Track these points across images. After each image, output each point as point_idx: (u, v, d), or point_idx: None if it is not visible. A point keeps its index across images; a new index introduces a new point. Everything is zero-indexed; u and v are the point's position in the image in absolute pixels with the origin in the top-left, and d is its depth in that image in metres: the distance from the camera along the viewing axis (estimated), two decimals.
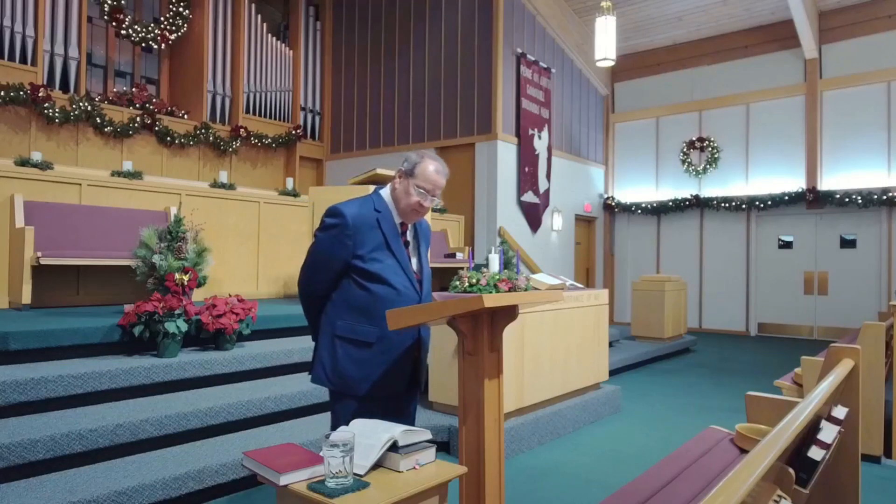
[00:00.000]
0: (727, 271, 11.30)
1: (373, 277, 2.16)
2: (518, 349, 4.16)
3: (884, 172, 9.88)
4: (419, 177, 2.19)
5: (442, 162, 2.26)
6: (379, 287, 2.16)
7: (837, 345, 2.45)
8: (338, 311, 2.20)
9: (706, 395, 6.01)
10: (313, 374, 2.26)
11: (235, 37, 10.08)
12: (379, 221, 2.19)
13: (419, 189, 2.19)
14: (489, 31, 9.38)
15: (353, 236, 2.14)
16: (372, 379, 2.16)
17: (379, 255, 2.17)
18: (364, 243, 2.15)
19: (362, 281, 2.16)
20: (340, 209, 2.16)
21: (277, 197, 7.42)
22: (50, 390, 3.21)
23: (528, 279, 3.94)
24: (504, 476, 2.14)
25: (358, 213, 2.17)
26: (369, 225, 2.17)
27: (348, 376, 2.16)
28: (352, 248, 2.15)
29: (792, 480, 1.66)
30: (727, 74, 11.37)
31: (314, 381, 2.24)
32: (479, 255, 8.72)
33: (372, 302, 2.15)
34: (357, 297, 2.17)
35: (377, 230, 2.18)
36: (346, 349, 2.17)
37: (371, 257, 2.16)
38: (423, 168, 2.20)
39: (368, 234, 2.16)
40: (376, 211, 2.20)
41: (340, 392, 2.20)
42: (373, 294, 2.15)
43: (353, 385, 2.17)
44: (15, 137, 7.82)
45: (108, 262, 5.17)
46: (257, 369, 4.19)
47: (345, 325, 2.18)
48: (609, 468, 3.80)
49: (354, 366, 2.16)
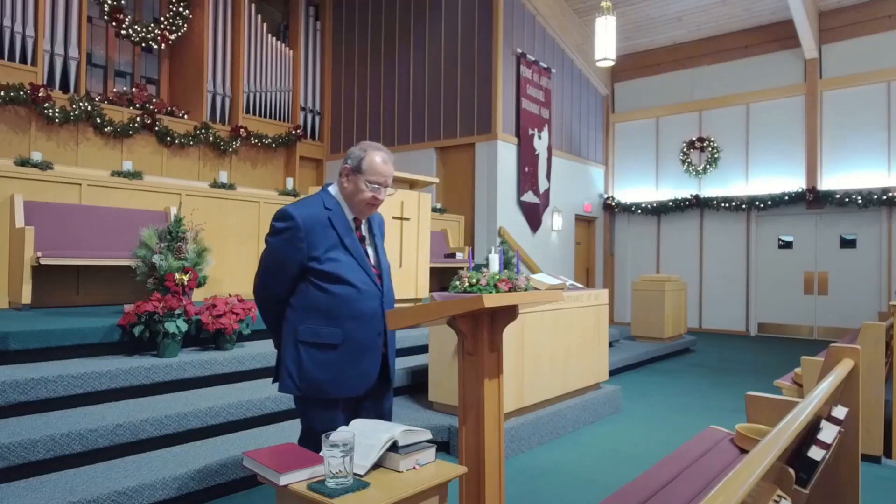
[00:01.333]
0: (727, 271, 11.30)
1: (331, 278, 2.11)
2: (518, 349, 4.16)
3: (884, 172, 9.88)
4: (367, 171, 2.14)
5: (385, 150, 2.21)
6: (338, 287, 2.11)
7: (837, 345, 2.45)
8: (299, 315, 2.15)
9: (706, 395, 6.01)
10: (280, 383, 2.19)
11: (235, 37, 10.08)
12: (331, 220, 2.14)
13: (371, 184, 2.14)
14: (489, 31, 9.37)
15: (306, 238, 2.09)
16: (340, 380, 2.13)
17: (334, 255, 2.13)
18: (318, 244, 2.11)
19: (320, 282, 2.12)
20: (290, 212, 2.11)
21: (277, 197, 7.42)
22: (50, 390, 3.21)
23: (528, 279, 3.94)
24: (504, 476, 2.14)
25: (308, 213, 2.12)
26: (321, 224, 2.12)
27: (316, 380, 2.12)
28: (306, 251, 2.10)
29: (792, 480, 1.66)
30: (727, 74, 11.37)
31: (282, 390, 2.18)
32: (479, 255, 8.72)
33: (333, 303, 2.11)
34: (317, 300, 2.12)
35: (330, 229, 2.13)
36: (310, 353, 2.12)
37: (327, 257, 2.11)
38: (370, 161, 2.15)
39: (321, 234, 2.12)
40: (327, 209, 2.15)
41: (310, 397, 2.16)
42: (332, 295, 2.11)
43: (323, 388, 2.12)
44: (15, 137, 7.82)
45: (107, 262, 5.17)
46: (257, 369, 4.18)
47: (307, 330, 2.13)
48: (609, 468, 3.80)
49: (321, 369, 2.12)
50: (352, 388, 2.15)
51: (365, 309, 2.15)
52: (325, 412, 2.13)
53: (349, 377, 2.14)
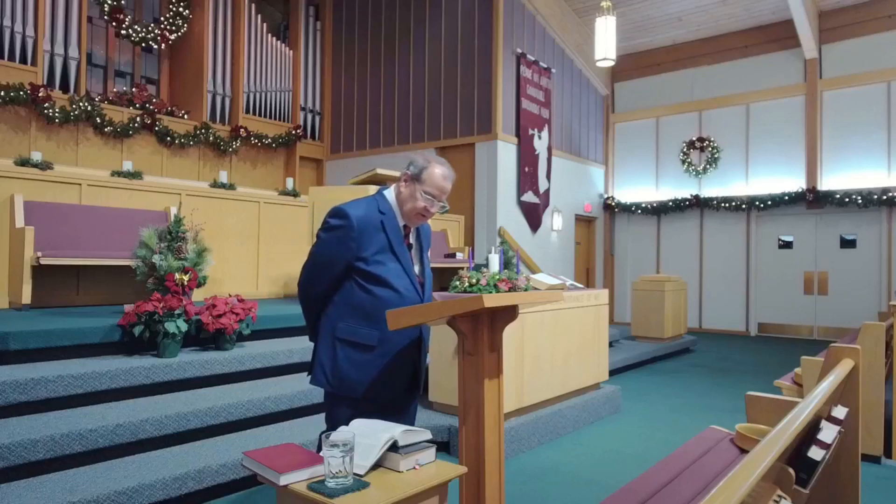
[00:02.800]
0: (727, 271, 11.30)
1: (376, 280, 2.13)
2: (518, 349, 4.16)
3: (884, 172, 9.88)
4: (426, 182, 2.16)
5: (448, 166, 2.23)
6: (381, 290, 2.13)
7: (837, 345, 2.45)
8: (339, 312, 2.17)
9: (706, 395, 6.01)
10: (313, 375, 2.23)
11: (235, 37, 10.08)
12: (383, 224, 2.16)
13: (426, 195, 2.16)
14: (489, 31, 9.37)
15: (358, 238, 2.11)
16: (371, 381, 2.15)
17: (382, 258, 2.15)
18: (368, 246, 2.13)
19: (365, 283, 2.14)
20: (346, 210, 2.13)
21: (277, 197, 7.42)
22: (50, 390, 3.21)
23: (528, 279, 3.94)
24: (504, 476, 2.14)
25: (363, 214, 2.14)
26: (374, 227, 2.14)
27: (348, 378, 2.14)
28: (355, 250, 2.12)
29: (792, 480, 1.66)
30: (727, 74, 11.37)
31: (313, 382, 2.22)
32: (479, 255, 8.71)
33: (374, 304, 2.13)
34: (359, 300, 2.14)
35: (381, 232, 2.15)
36: (346, 352, 2.15)
37: (374, 260, 2.14)
38: (431, 173, 2.17)
39: (372, 237, 2.14)
40: (381, 213, 2.17)
41: (338, 394, 2.18)
42: (375, 297, 2.13)
43: (353, 387, 2.15)
44: (15, 137, 7.82)
45: (107, 262, 5.16)
46: (257, 369, 4.19)
47: (346, 328, 2.15)
48: (609, 468, 3.80)
49: (354, 368, 2.14)
50: (381, 391, 2.17)
51: None
52: (352, 411, 2.14)
53: (381, 380, 2.16)
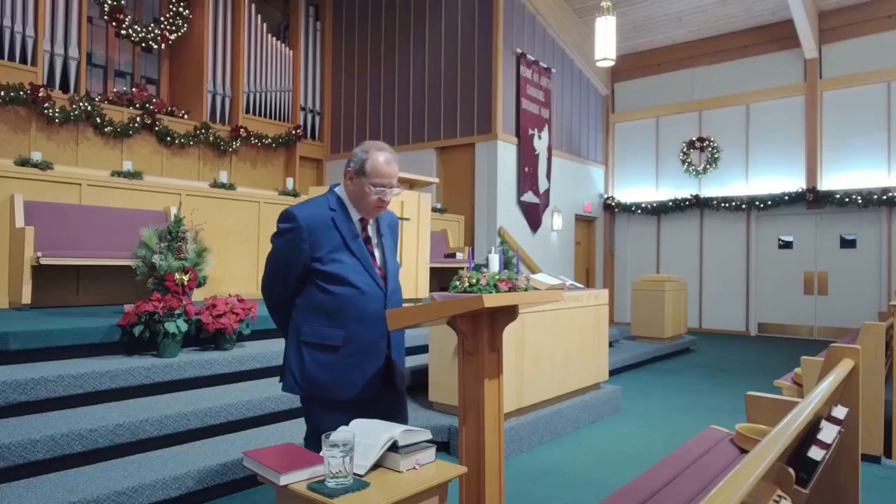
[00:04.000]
0: (727, 271, 11.30)
1: (333, 279, 2.11)
2: (518, 349, 4.16)
3: (884, 172, 9.88)
4: (371, 174, 2.12)
5: (389, 149, 2.18)
6: (341, 288, 2.11)
7: (837, 345, 2.45)
8: (303, 316, 2.16)
9: (706, 395, 6.01)
10: (284, 382, 2.21)
11: (235, 37, 10.08)
12: (335, 221, 2.13)
13: (375, 187, 2.12)
14: (489, 31, 9.37)
15: (308, 239, 2.09)
16: (342, 382, 2.12)
17: (338, 256, 2.12)
18: (321, 245, 2.10)
19: (323, 284, 2.12)
20: (293, 212, 2.11)
21: (277, 197, 7.42)
22: (50, 390, 3.21)
23: (528, 279, 3.94)
24: (504, 476, 2.14)
25: (311, 214, 2.11)
26: (325, 225, 2.11)
27: (317, 381, 2.12)
28: (309, 251, 2.10)
29: (792, 480, 1.66)
30: (727, 74, 11.36)
31: (285, 389, 2.20)
32: (479, 255, 8.71)
33: (335, 304, 2.11)
34: (320, 301, 2.12)
35: (333, 230, 2.12)
36: (312, 354, 2.13)
37: (330, 258, 2.11)
38: (373, 163, 2.12)
39: (324, 235, 2.11)
40: (331, 210, 2.15)
41: (312, 397, 2.17)
42: (335, 296, 2.11)
43: (324, 389, 2.12)
44: (15, 137, 7.82)
45: (107, 262, 5.17)
46: (257, 369, 4.19)
47: (310, 331, 2.13)
48: (609, 468, 3.80)
49: (322, 370, 2.12)
50: (354, 391, 2.15)
51: (368, 311, 2.14)
52: (329, 413, 2.12)
53: (351, 379, 2.14)
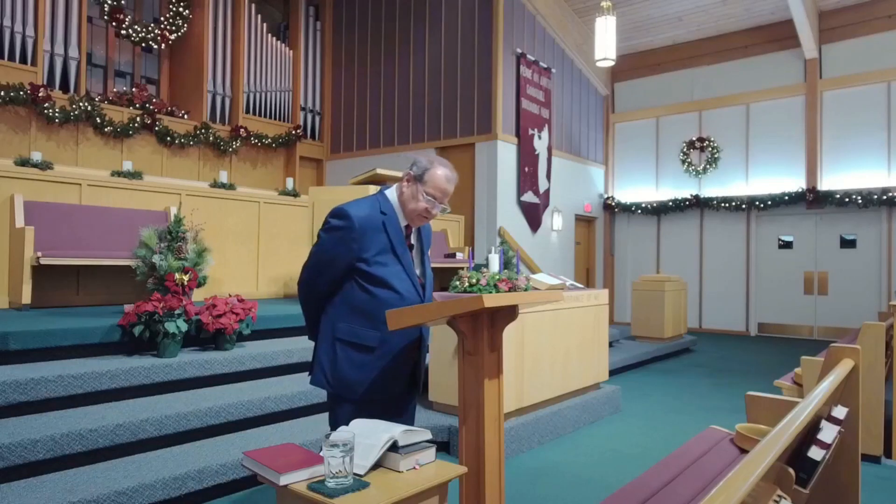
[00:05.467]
0: (727, 271, 11.30)
1: (377, 281, 2.12)
2: (518, 349, 4.16)
3: (884, 172, 9.88)
4: (428, 183, 2.15)
5: (451, 167, 2.22)
6: (382, 291, 2.12)
7: (837, 345, 2.45)
8: (339, 312, 2.16)
9: (706, 395, 6.01)
10: (313, 376, 2.23)
11: (235, 37, 10.08)
12: (385, 224, 2.15)
13: (428, 196, 2.16)
14: (489, 31, 9.37)
15: (359, 239, 2.10)
16: (371, 382, 2.14)
17: (384, 259, 2.14)
18: (369, 246, 2.12)
19: (366, 284, 2.13)
20: (347, 211, 2.12)
21: (277, 197, 7.42)
22: (50, 390, 3.21)
23: (528, 279, 3.94)
24: (504, 476, 2.14)
25: (365, 215, 2.12)
26: (375, 228, 2.13)
27: (347, 379, 2.14)
28: (356, 251, 2.11)
29: (792, 480, 1.66)
30: (727, 74, 11.37)
31: (313, 382, 2.22)
32: (479, 255, 8.71)
33: (375, 305, 2.12)
34: (360, 300, 2.13)
35: (383, 233, 2.14)
36: (346, 352, 2.14)
37: (375, 261, 2.12)
38: (433, 174, 2.16)
39: (374, 237, 2.12)
40: (382, 213, 2.16)
41: (339, 395, 2.18)
42: (376, 297, 2.12)
43: (352, 388, 2.14)
44: (15, 137, 7.82)
45: (108, 262, 5.17)
46: (257, 369, 4.19)
47: (346, 328, 2.14)
48: (609, 468, 3.80)
49: (354, 369, 2.14)
50: (380, 391, 2.17)
51: None
52: (354, 411, 2.13)
53: (380, 380, 2.16)
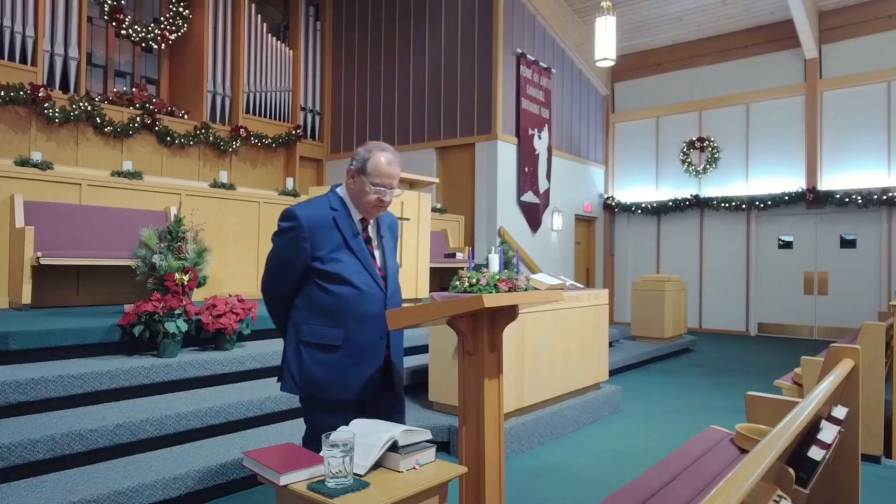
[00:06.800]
0: (727, 271, 11.30)
1: (334, 278, 2.11)
2: (518, 349, 4.16)
3: (884, 172, 9.88)
4: (372, 173, 2.13)
5: (391, 150, 2.19)
6: (341, 288, 2.11)
7: (837, 345, 2.45)
8: (303, 315, 2.16)
9: (706, 395, 6.01)
10: (282, 383, 2.21)
11: (235, 37, 10.08)
12: (336, 220, 2.14)
13: (375, 186, 2.13)
14: (489, 31, 9.37)
15: (310, 238, 2.09)
16: (340, 382, 2.12)
17: (338, 256, 2.12)
18: (321, 244, 2.11)
19: (323, 283, 2.12)
20: (294, 211, 2.12)
21: (277, 197, 7.42)
22: (50, 390, 3.21)
23: (528, 279, 3.94)
24: (504, 476, 2.14)
25: (312, 213, 2.12)
26: (325, 225, 2.12)
27: (315, 378, 2.12)
28: (309, 250, 2.10)
29: (792, 480, 1.66)
30: (727, 74, 11.36)
31: (283, 389, 2.20)
32: (479, 255, 8.71)
33: (335, 303, 2.11)
34: (320, 300, 2.12)
35: (334, 230, 2.13)
36: (311, 354, 2.13)
37: (330, 258, 2.11)
38: (374, 163, 2.13)
39: (325, 235, 2.11)
40: (332, 210, 2.15)
41: (311, 397, 2.17)
42: (335, 296, 2.11)
43: (323, 389, 2.12)
44: (15, 137, 7.82)
45: (108, 262, 5.17)
46: (257, 369, 4.18)
47: (310, 330, 2.13)
48: (609, 468, 3.80)
49: (321, 369, 2.12)
50: (353, 391, 2.15)
51: (368, 311, 2.14)
52: (327, 414, 2.12)
53: (350, 379, 2.14)
